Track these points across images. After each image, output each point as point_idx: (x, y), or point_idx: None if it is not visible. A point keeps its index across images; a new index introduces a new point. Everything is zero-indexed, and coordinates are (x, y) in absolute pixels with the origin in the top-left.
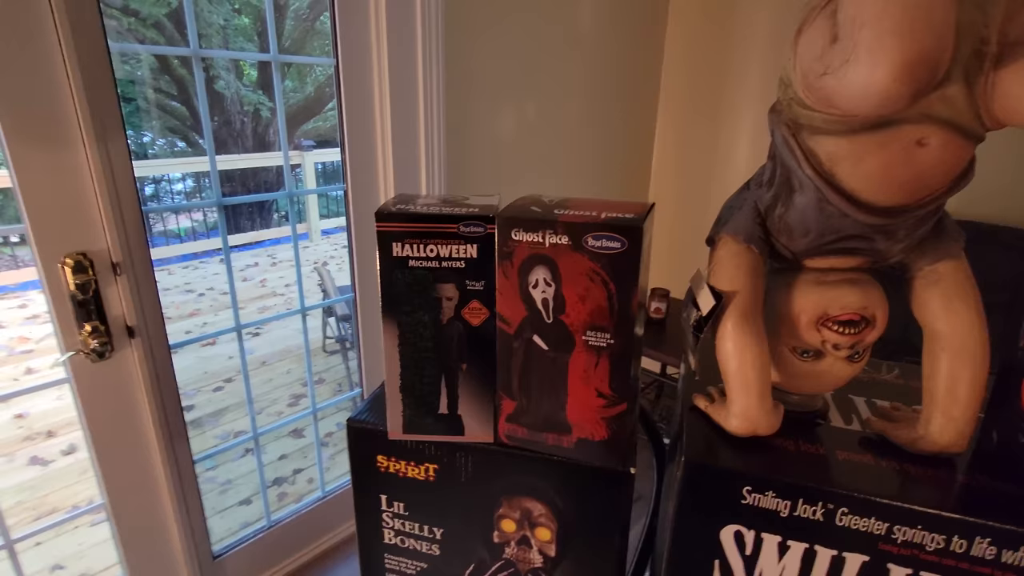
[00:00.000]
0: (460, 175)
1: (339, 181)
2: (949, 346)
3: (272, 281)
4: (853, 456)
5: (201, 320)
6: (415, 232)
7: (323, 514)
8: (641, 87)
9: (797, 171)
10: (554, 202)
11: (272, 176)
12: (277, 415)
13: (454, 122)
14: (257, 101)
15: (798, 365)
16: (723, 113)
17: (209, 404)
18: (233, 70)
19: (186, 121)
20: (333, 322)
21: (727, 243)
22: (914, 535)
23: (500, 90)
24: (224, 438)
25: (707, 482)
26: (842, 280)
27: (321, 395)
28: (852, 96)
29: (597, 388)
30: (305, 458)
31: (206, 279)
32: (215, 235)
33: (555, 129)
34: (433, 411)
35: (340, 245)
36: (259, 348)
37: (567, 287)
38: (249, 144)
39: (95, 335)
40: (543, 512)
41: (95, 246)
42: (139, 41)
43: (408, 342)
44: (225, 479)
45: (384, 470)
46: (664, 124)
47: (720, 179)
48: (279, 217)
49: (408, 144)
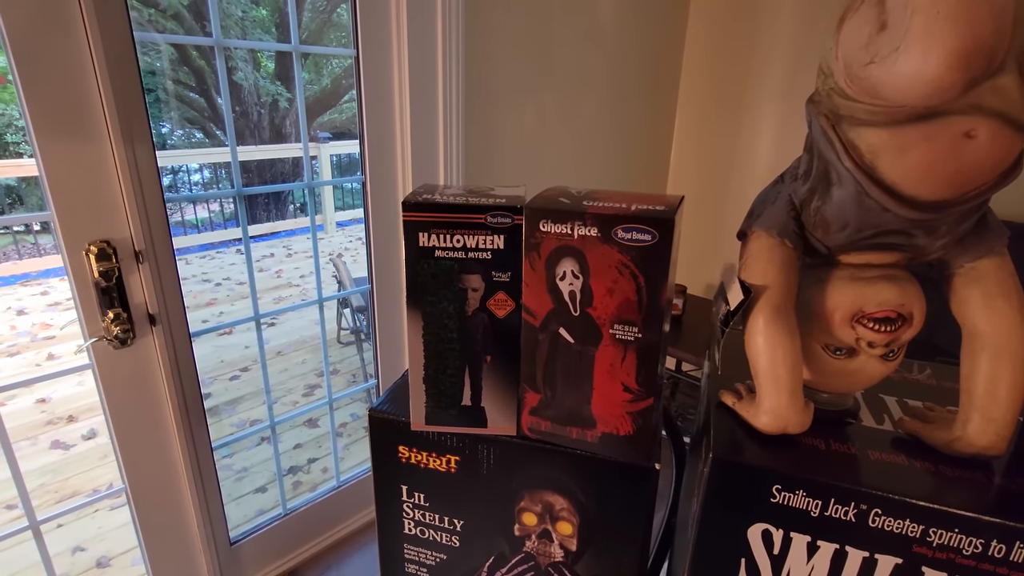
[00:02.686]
0: (478, 168)
1: (354, 173)
2: (990, 345)
3: (288, 272)
4: (886, 456)
5: (218, 309)
6: (441, 222)
7: (338, 503)
8: (661, 81)
9: (836, 164)
10: (582, 194)
11: (288, 168)
12: (292, 404)
13: (473, 115)
14: (275, 92)
15: (830, 363)
16: (744, 107)
17: (226, 392)
18: (251, 61)
19: (204, 112)
20: (348, 313)
21: (760, 237)
22: (951, 538)
23: (519, 84)
24: (240, 426)
25: (735, 480)
26: (879, 276)
27: (336, 386)
28: (901, 86)
29: (623, 382)
30: (320, 448)
31: (223, 269)
32: (232, 225)
33: (574, 123)
34: (456, 403)
35: (355, 237)
36: (275, 338)
37: (595, 279)
38: (266, 135)
39: (117, 322)
40: (565, 506)
41: (118, 234)
42: (159, 32)
43: (432, 333)
44: (241, 467)
45: (405, 461)
46: (684, 117)
47: (740, 174)
48: (295, 208)
49: (427, 136)
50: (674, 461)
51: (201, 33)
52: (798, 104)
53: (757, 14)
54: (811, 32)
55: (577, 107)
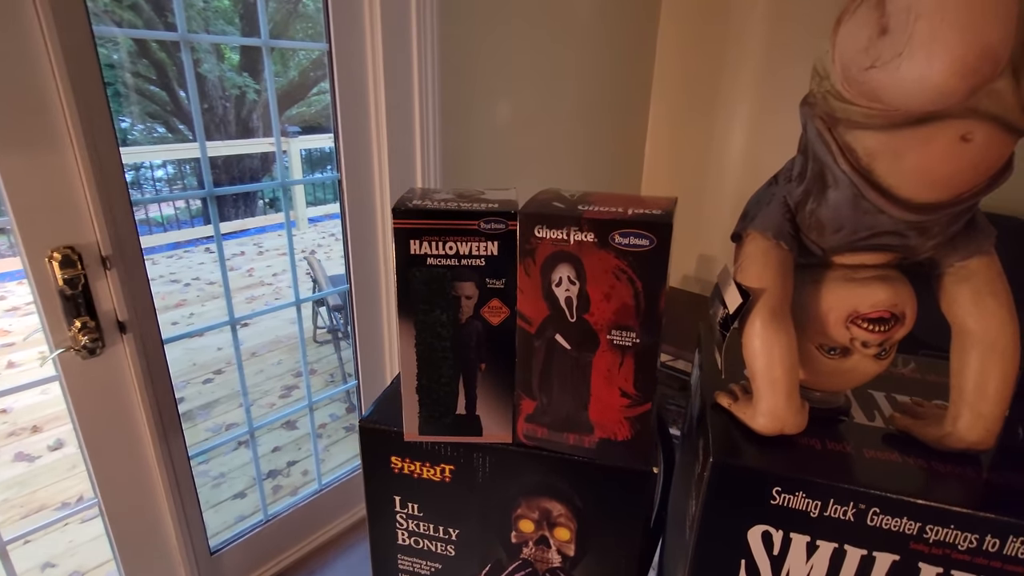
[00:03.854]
0: (456, 164)
1: (324, 168)
2: (979, 342)
3: (260, 270)
4: (880, 454)
5: (188, 311)
6: (433, 229)
7: (321, 506)
8: (634, 78)
9: (832, 166)
10: (575, 197)
11: (257, 163)
12: (269, 407)
13: (449, 109)
14: (243, 84)
15: (824, 363)
16: (718, 104)
17: (199, 396)
18: (214, 52)
19: (166, 106)
20: (324, 312)
21: (755, 239)
22: (946, 534)
23: (495, 78)
24: (216, 431)
25: (735, 483)
26: (873, 277)
27: (313, 386)
28: (903, 91)
29: (621, 387)
30: (299, 450)
31: (191, 269)
32: (199, 223)
33: (550, 118)
34: (450, 412)
35: (328, 233)
36: (249, 339)
37: (592, 285)
38: (232, 130)
39: (85, 331)
40: (563, 512)
41: (83, 239)
42: (116, 24)
43: (425, 342)
44: (218, 472)
45: (398, 471)
46: (657, 114)
47: (715, 173)
48: (264, 204)
49: (403, 131)
50: (662, 457)
51: (162, 24)
52: (771, 101)
53: (729, 14)
54: (783, 30)
55: (553, 102)
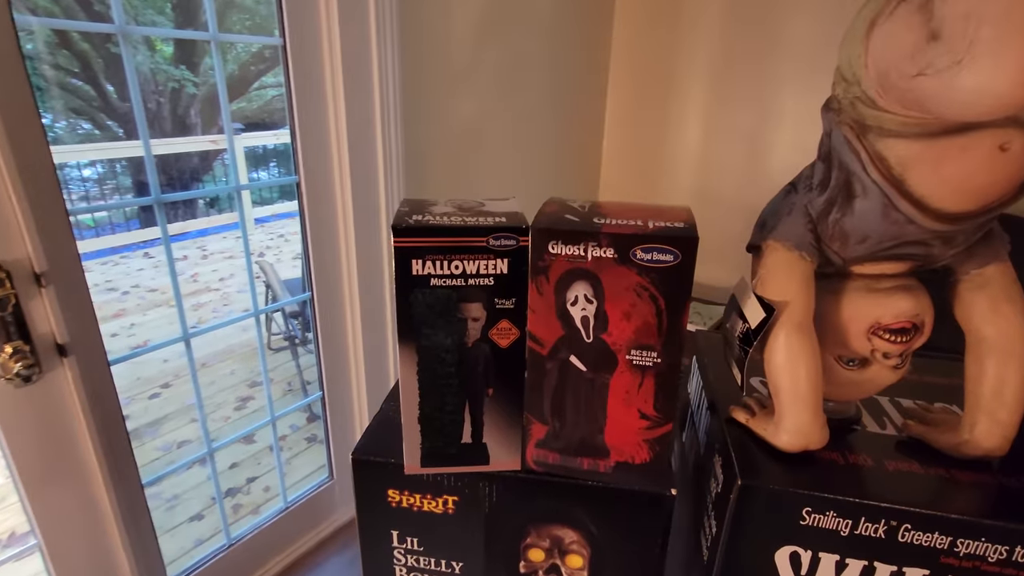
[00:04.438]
0: (419, 159)
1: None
2: (997, 350)
3: (205, 275)
4: (902, 465)
5: (128, 321)
6: (438, 247)
7: (287, 525)
8: (591, 74)
9: (861, 175)
10: (586, 209)
11: (197, 162)
12: (224, 420)
13: (411, 104)
14: (180, 78)
15: (842, 374)
16: (671, 102)
17: (146, 413)
18: (145, 43)
19: (92, 101)
20: (279, 318)
21: (776, 250)
22: (977, 547)
23: (456, 72)
24: (167, 449)
25: (764, 505)
26: (895, 287)
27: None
28: (958, 101)
29: (640, 409)
30: (259, 464)
31: (130, 276)
32: (135, 226)
33: (512, 109)
34: (455, 441)
35: (276, 234)
36: (198, 348)
37: (610, 304)
38: (168, 127)
39: (18, 357)
40: (575, 539)
41: (12, 255)
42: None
43: (428, 368)
44: (171, 494)
45: (396, 505)
46: (613, 111)
47: (670, 167)
48: (205, 205)
49: (363, 128)
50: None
51: (84, 14)
52: (722, 96)
53: (681, 10)
54: (733, 27)
55: (514, 94)
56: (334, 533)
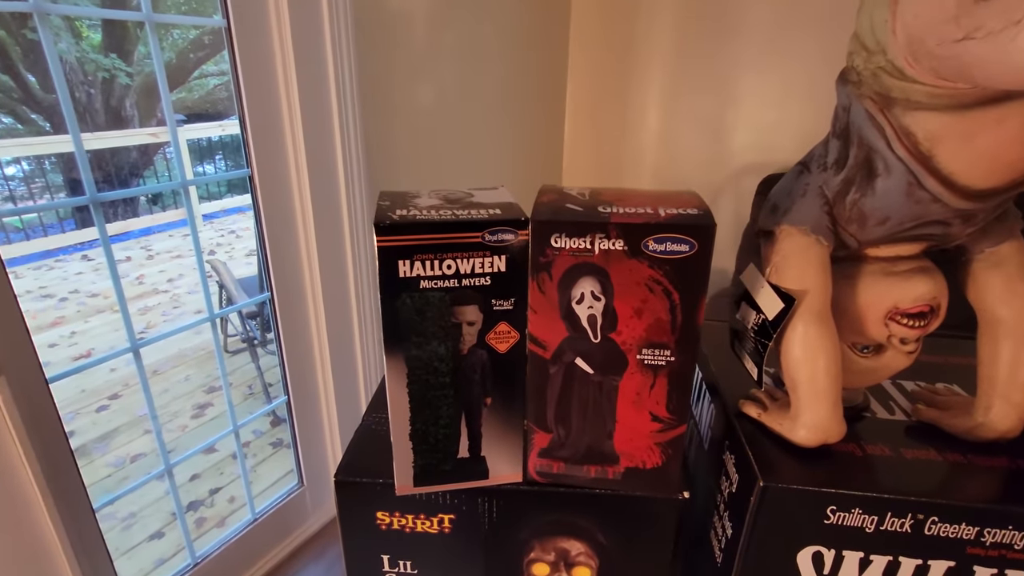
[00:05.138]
0: (379, 148)
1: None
2: (1013, 331)
3: (151, 277)
4: (920, 454)
5: (67, 329)
6: (428, 245)
7: (257, 537)
8: (552, 59)
9: (885, 152)
10: (587, 197)
11: (136, 157)
12: (181, 430)
13: (368, 89)
14: (111, 67)
15: (856, 362)
16: (632, 87)
17: (93, 427)
18: (69, 29)
19: (11, 93)
20: (236, 318)
21: (791, 235)
22: (1004, 536)
23: (414, 53)
24: (119, 465)
25: (787, 506)
26: (912, 270)
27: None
28: (1015, 65)
29: (652, 411)
30: (221, 475)
31: (67, 280)
32: (70, 227)
33: (473, 96)
34: (451, 456)
35: (226, 231)
36: (148, 355)
37: (620, 300)
38: (101, 120)
39: None
40: (583, 550)
41: None
42: None
43: (419, 380)
44: (127, 512)
45: (386, 528)
46: (575, 97)
47: (632, 151)
48: (147, 202)
49: (319, 115)
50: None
51: None
52: (681, 79)
53: None
54: (690, 4)
55: (475, 79)
56: (308, 541)
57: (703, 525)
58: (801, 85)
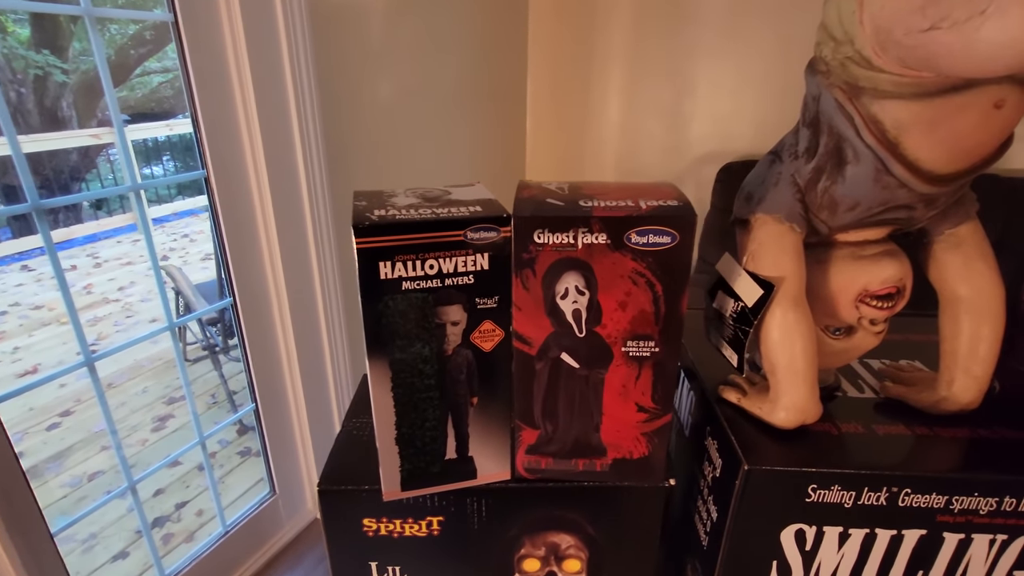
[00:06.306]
0: (340, 145)
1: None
2: (972, 308)
3: (100, 285)
4: (891, 429)
5: (10, 345)
6: (408, 246)
7: (230, 549)
8: (511, 52)
9: (854, 140)
10: (567, 191)
11: (77, 160)
12: (141, 444)
13: (327, 83)
14: (44, 63)
15: (830, 344)
16: (592, 78)
17: (45, 447)
18: None
19: None
20: (195, 325)
21: (766, 224)
22: (970, 503)
23: (373, 46)
24: (75, 484)
25: (770, 487)
26: (880, 253)
27: None
28: (978, 55)
29: (637, 402)
30: (187, 488)
31: (7, 293)
32: (6, 236)
33: (432, 94)
34: (439, 459)
35: (179, 235)
36: (102, 368)
37: (604, 293)
38: (35, 121)
39: None
40: (572, 543)
41: None
42: None
43: (404, 383)
44: (87, 533)
45: (373, 534)
46: (536, 88)
47: (594, 141)
48: (91, 207)
49: (276, 111)
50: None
51: None
52: (640, 69)
53: None
54: (646, 6)
55: (434, 77)
56: (283, 549)
57: (686, 510)
58: (756, 74)
